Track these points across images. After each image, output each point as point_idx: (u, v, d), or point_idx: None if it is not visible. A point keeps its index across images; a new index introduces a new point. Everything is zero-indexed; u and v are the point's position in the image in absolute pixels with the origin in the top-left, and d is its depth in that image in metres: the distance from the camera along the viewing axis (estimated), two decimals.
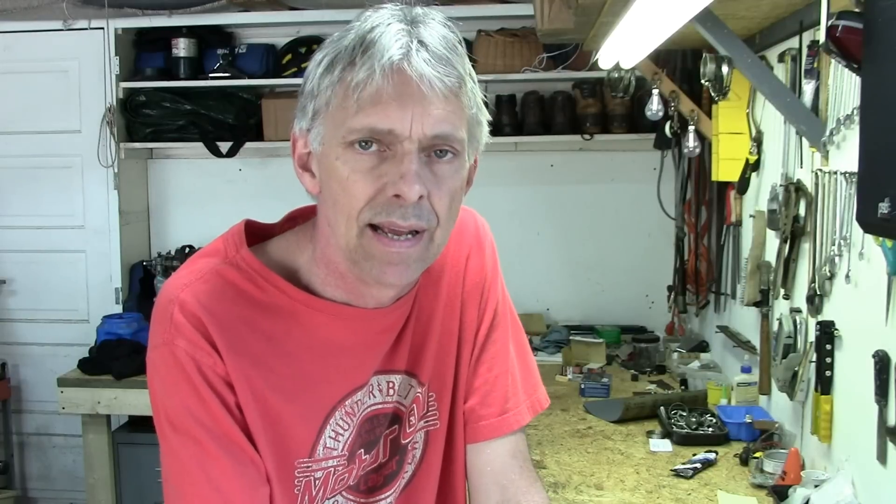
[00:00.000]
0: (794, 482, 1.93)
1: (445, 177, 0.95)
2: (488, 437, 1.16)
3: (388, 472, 1.12)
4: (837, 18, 1.22)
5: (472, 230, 1.18)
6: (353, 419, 1.06)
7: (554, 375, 3.08)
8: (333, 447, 1.05)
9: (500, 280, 1.20)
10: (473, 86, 0.98)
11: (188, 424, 0.95)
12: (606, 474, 2.17)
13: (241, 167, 3.94)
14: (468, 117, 0.97)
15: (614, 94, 3.12)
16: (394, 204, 0.92)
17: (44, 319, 3.91)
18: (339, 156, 0.93)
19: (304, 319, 1.01)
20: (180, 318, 0.96)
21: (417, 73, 0.90)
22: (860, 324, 1.79)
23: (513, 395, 1.18)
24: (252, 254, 1.02)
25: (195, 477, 0.96)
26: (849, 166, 1.81)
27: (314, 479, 1.04)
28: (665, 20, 1.82)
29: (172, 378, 0.96)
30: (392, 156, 0.92)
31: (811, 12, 1.98)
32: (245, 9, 3.69)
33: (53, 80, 3.79)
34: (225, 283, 0.99)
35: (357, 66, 0.91)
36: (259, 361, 0.99)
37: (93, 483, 3.42)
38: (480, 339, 1.17)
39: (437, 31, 0.94)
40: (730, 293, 2.90)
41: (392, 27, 0.91)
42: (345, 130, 0.92)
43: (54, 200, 3.85)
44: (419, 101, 0.90)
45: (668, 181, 3.48)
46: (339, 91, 0.92)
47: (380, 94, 0.90)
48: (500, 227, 4.14)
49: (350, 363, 1.05)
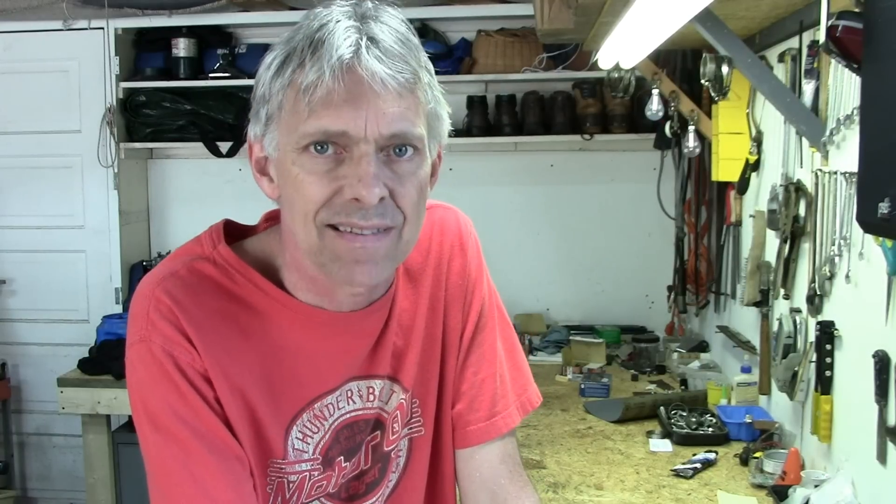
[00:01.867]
0: (793, 482, 1.93)
1: (408, 175, 0.93)
2: (477, 443, 1.14)
3: (370, 480, 1.10)
4: (837, 18, 1.22)
5: (454, 229, 1.14)
6: (324, 423, 1.04)
7: (554, 375, 3.08)
8: (303, 449, 1.03)
9: (485, 278, 1.17)
10: (431, 79, 0.95)
11: (169, 421, 0.94)
12: (606, 474, 2.17)
13: (241, 167, 3.94)
14: (426, 112, 0.94)
15: (614, 94, 3.12)
16: (352, 206, 0.90)
17: (44, 319, 3.91)
18: (295, 160, 0.91)
19: (278, 318, 1.00)
20: (156, 315, 0.95)
21: (369, 71, 0.87)
22: (860, 324, 1.79)
23: (501, 397, 1.15)
24: (230, 249, 1.01)
25: (179, 476, 0.94)
26: (849, 166, 1.81)
27: (288, 481, 1.02)
28: (665, 20, 1.82)
29: (150, 375, 0.95)
30: (349, 158, 0.90)
31: (811, 12, 1.98)
32: (245, 9, 3.69)
33: (53, 80, 3.79)
34: (201, 278, 0.98)
35: (306, 67, 0.88)
36: (236, 356, 0.97)
37: (93, 483, 3.42)
38: (466, 341, 1.14)
39: (388, 26, 0.91)
40: (730, 293, 2.90)
41: (341, 24, 0.89)
42: (298, 135, 0.90)
43: (54, 200, 3.85)
44: (372, 101, 0.88)
45: (668, 181, 3.49)
46: (290, 94, 0.90)
47: (331, 96, 0.87)
48: (500, 227, 4.17)
49: (322, 366, 1.03)
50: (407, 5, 0.99)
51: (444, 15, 3.62)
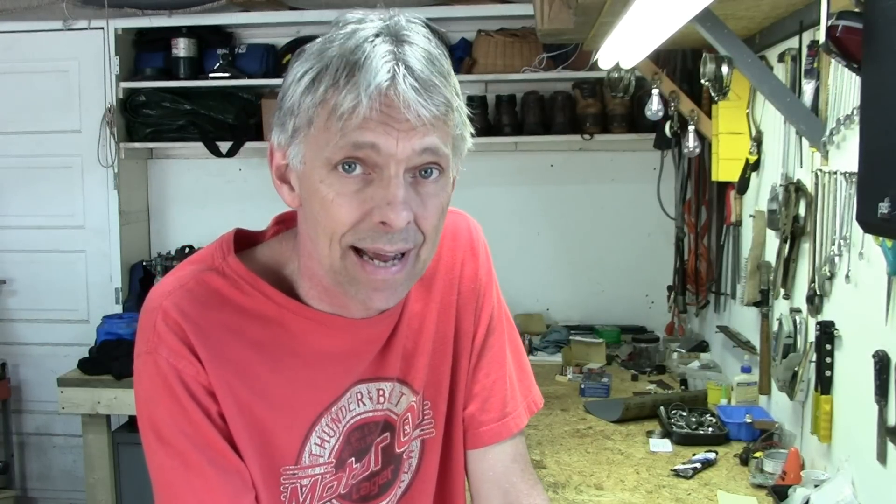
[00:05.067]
0: (793, 482, 1.93)
1: (431, 196, 0.94)
2: (490, 443, 1.16)
3: (382, 482, 1.11)
4: (837, 18, 1.22)
5: (465, 235, 1.16)
6: (339, 426, 1.05)
7: (554, 375, 3.08)
8: (319, 454, 1.04)
9: (494, 283, 1.19)
10: (460, 103, 0.95)
11: (171, 434, 0.95)
12: (606, 474, 2.17)
13: (241, 167, 3.94)
14: (454, 136, 0.95)
15: (614, 94, 3.12)
16: (379, 230, 0.91)
17: (44, 319, 3.91)
18: (323, 178, 0.91)
19: (290, 326, 1.00)
20: (163, 327, 0.96)
21: (404, 101, 0.88)
22: (860, 324, 1.79)
23: (511, 398, 1.17)
24: (239, 260, 1.01)
25: (180, 487, 0.96)
26: (849, 166, 1.81)
27: (300, 486, 1.03)
28: (665, 20, 1.82)
29: (155, 387, 0.96)
30: (377, 179, 0.90)
31: (811, 12, 1.98)
32: (245, 9, 3.69)
33: (53, 80, 3.80)
34: (209, 291, 0.99)
35: (341, 89, 0.88)
36: (244, 369, 0.98)
37: (93, 483, 3.42)
38: (478, 345, 1.16)
39: (420, 48, 0.91)
40: (730, 293, 2.90)
41: (377, 49, 0.89)
42: (329, 152, 0.90)
43: (54, 200, 3.85)
44: (405, 127, 0.89)
45: (668, 181, 3.49)
46: (322, 112, 0.90)
47: (366, 121, 0.88)
48: (500, 227, 4.17)
49: (336, 370, 1.04)
50: (407, 5, 0.99)
51: (444, 15, 3.62)
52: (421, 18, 0.95)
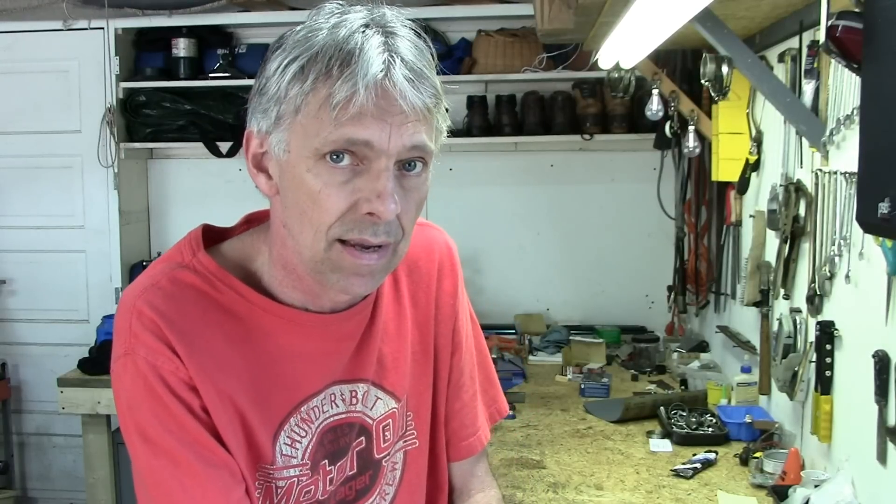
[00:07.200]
0: (793, 482, 1.93)
1: (413, 190, 0.95)
2: (467, 457, 1.22)
3: (360, 487, 1.10)
4: (837, 18, 1.22)
5: (444, 250, 1.18)
6: (312, 427, 1.04)
7: (554, 375, 3.07)
8: (291, 454, 1.03)
9: (465, 297, 1.23)
10: (442, 96, 0.96)
11: (157, 433, 0.94)
12: (606, 474, 2.17)
13: (241, 167, 3.93)
14: (437, 130, 0.96)
15: (614, 94, 3.12)
16: (366, 221, 0.92)
17: (44, 319, 3.91)
18: (311, 168, 0.91)
19: (261, 323, 1.00)
20: (138, 327, 0.95)
21: (399, 90, 0.89)
22: (860, 324, 1.79)
23: (481, 412, 1.24)
24: (209, 256, 1.01)
25: (169, 486, 0.95)
26: (849, 166, 1.81)
27: (276, 486, 1.03)
28: (665, 20, 1.82)
29: (136, 388, 0.95)
30: (366, 170, 0.91)
31: (811, 12, 1.98)
32: (245, 9, 3.69)
33: (53, 80, 3.79)
34: (182, 287, 0.98)
35: (335, 78, 0.88)
36: (221, 362, 0.98)
37: (93, 483, 3.42)
38: (456, 362, 1.20)
39: (409, 40, 0.92)
40: (730, 293, 2.90)
41: (370, 38, 0.89)
42: (319, 142, 0.90)
43: (54, 200, 3.85)
44: (398, 117, 0.89)
45: (668, 181, 3.48)
46: (313, 101, 0.89)
47: (362, 111, 0.88)
48: (501, 227, 4.17)
49: (307, 369, 1.03)
50: (407, 5, 1.00)
51: (444, 15, 3.62)
52: (401, 11, 0.96)
